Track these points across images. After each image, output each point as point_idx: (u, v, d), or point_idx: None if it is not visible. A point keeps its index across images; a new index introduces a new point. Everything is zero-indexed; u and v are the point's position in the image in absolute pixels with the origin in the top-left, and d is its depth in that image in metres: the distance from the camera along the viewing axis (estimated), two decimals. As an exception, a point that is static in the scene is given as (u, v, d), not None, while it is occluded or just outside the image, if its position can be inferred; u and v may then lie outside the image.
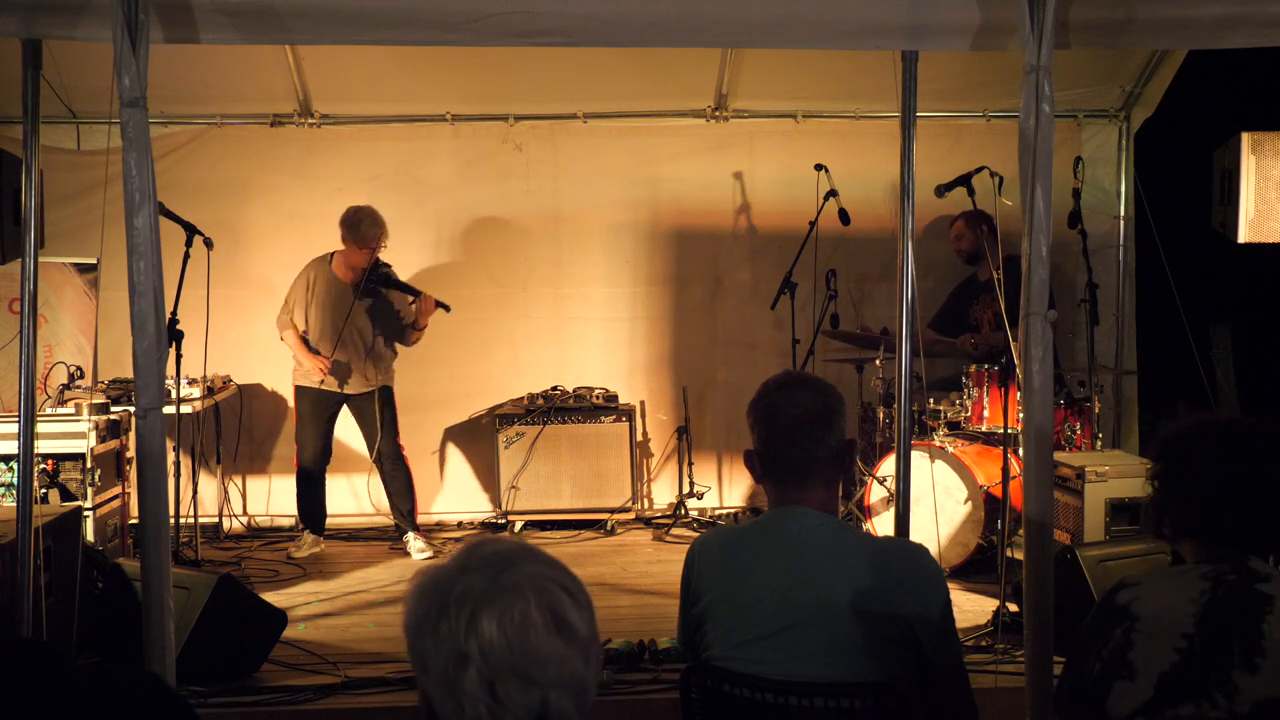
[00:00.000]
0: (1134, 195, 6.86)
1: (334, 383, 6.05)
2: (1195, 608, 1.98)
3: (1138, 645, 1.99)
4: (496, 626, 1.41)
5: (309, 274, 6.14)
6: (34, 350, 3.75)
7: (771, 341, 6.91)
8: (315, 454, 6.18)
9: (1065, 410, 5.60)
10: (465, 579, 1.45)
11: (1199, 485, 2.11)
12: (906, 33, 3.72)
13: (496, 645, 1.41)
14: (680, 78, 6.71)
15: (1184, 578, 2.05)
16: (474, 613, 1.42)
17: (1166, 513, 2.17)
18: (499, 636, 1.41)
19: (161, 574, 3.42)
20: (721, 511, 7.11)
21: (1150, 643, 1.98)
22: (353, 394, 6.13)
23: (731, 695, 2.29)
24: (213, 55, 5.91)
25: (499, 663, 1.41)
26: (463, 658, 1.41)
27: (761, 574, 2.34)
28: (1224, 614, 1.96)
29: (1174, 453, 2.18)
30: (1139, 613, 2.02)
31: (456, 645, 1.42)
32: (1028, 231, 3.47)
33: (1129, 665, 1.99)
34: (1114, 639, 2.02)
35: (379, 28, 3.70)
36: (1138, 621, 2.01)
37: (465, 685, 1.41)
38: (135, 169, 3.38)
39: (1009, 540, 4.66)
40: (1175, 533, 2.17)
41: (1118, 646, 2.01)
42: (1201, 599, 1.98)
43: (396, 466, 6.21)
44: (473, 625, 1.41)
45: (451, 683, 1.42)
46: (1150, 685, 1.96)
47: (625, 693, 4.08)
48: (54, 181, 5.72)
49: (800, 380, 2.45)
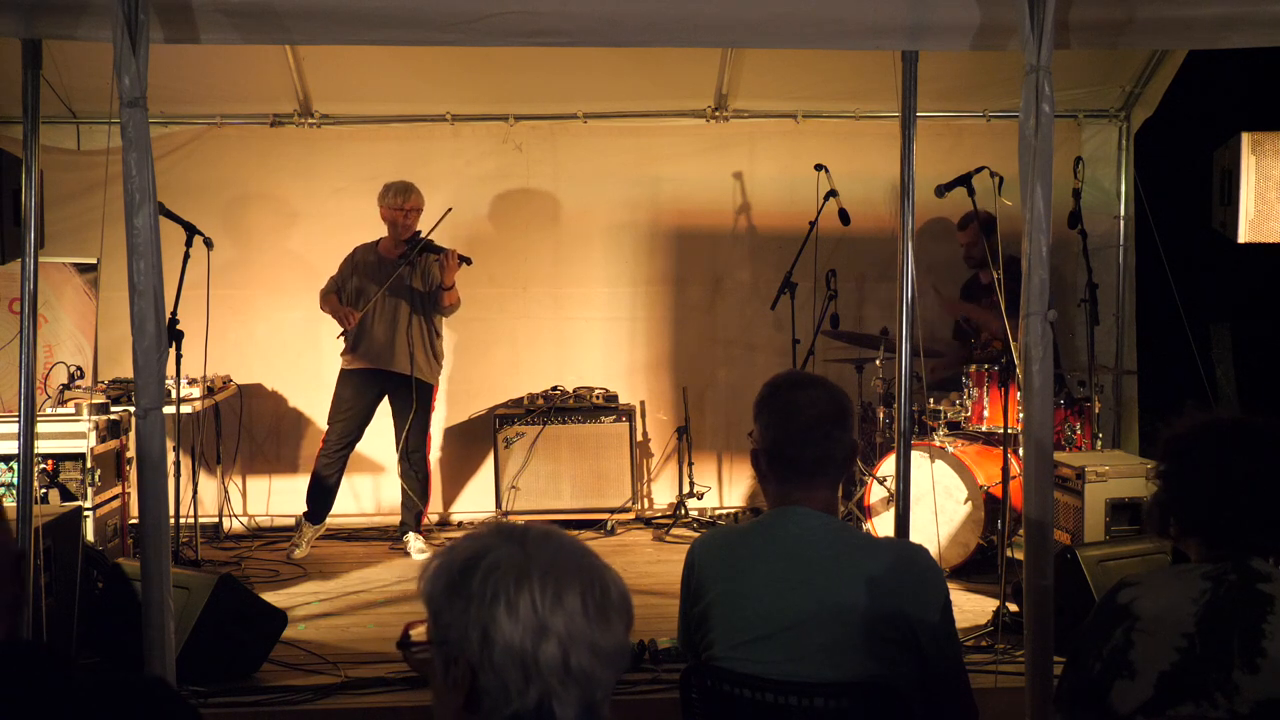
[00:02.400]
0: (1134, 195, 6.86)
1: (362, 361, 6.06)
2: (1196, 608, 1.98)
3: (1138, 645, 1.99)
4: (580, 602, 1.44)
5: (355, 252, 6.21)
6: (34, 350, 3.75)
7: (771, 341, 6.91)
8: (343, 431, 6.13)
9: (1065, 410, 5.60)
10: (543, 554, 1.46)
11: (1204, 483, 2.12)
12: (906, 33, 3.72)
13: (578, 619, 1.43)
14: (680, 78, 6.71)
15: (1185, 577, 2.05)
16: (560, 586, 1.44)
17: (1171, 511, 2.17)
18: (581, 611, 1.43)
19: (161, 574, 3.42)
20: (721, 511, 7.11)
21: (1151, 642, 1.98)
22: (391, 371, 6.08)
23: (731, 695, 2.29)
24: (213, 55, 5.91)
25: (579, 637, 1.43)
26: (543, 630, 1.42)
27: (761, 575, 2.34)
28: (1225, 614, 1.96)
29: (1179, 451, 2.18)
30: (1139, 612, 2.02)
31: (538, 618, 1.42)
32: (1028, 231, 3.47)
33: (1129, 665, 1.99)
34: (1114, 638, 2.02)
35: (379, 28, 3.70)
36: (1138, 621, 2.01)
37: (542, 659, 1.42)
38: (135, 169, 3.38)
39: (1009, 540, 4.66)
40: (1180, 531, 2.17)
41: (1118, 646, 2.01)
42: (1202, 599, 1.98)
43: (418, 467, 6.22)
44: (559, 599, 1.43)
45: (522, 656, 1.42)
46: (1150, 685, 1.96)
47: (625, 693, 4.07)
48: (54, 181, 5.73)
49: (811, 380, 2.45)
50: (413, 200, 6.10)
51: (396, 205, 6.07)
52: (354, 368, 6.14)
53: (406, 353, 6.08)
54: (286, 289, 6.85)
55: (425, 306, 6.15)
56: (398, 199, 6.07)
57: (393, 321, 6.09)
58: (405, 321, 6.10)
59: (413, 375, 6.06)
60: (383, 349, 6.08)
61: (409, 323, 6.10)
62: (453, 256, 6.03)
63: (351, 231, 6.33)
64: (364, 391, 6.15)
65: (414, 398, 6.06)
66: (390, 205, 6.08)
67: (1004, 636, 4.46)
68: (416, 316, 6.13)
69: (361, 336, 6.08)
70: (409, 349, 6.08)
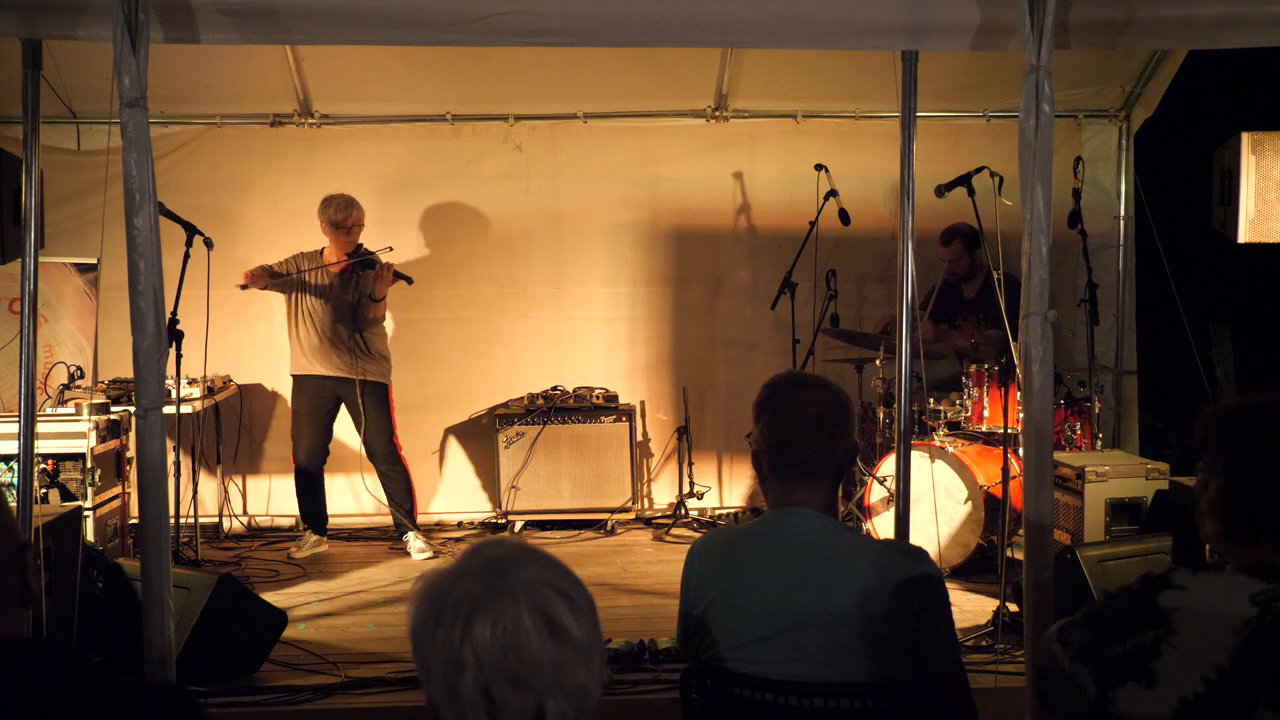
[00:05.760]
0: (1134, 195, 6.87)
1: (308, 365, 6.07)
2: (1236, 640, 1.86)
3: (1167, 658, 1.89)
4: (490, 632, 1.41)
5: (298, 257, 6.19)
6: (34, 350, 3.75)
7: (771, 341, 6.91)
8: (309, 450, 6.18)
9: (1065, 410, 5.60)
10: (463, 584, 1.46)
11: None
12: (906, 33, 3.72)
13: (490, 651, 1.41)
14: (680, 78, 6.71)
15: (1233, 596, 1.91)
16: (469, 618, 1.43)
17: (1244, 509, 1.98)
18: (492, 642, 1.41)
19: (161, 574, 3.42)
20: (721, 512, 7.12)
21: (1181, 663, 1.88)
22: (333, 377, 6.08)
23: (731, 695, 2.29)
24: (213, 55, 5.91)
25: (493, 669, 1.41)
26: (459, 664, 1.42)
27: (761, 576, 2.34)
28: (1262, 649, 1.84)
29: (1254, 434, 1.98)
30: (1177, 627, 1.90)
31: (453, 651, 1.42)
32: (1028, 231, 3.47)
33: (1150, 672, 1.89)
34: (1144, 637, 1.90)
35: (379, 28, 3.70)
36: (1174, 636, 1.90)
37: (463, 691, 1.42)
38: (135, 169, 3.38)
39: (1009, 540, 4.66)
40: (1242, 530, 1.99)
41: (1146, 647, 1.91)
42: (1245, 630, 1.86)
43: (393, 468, 6.20)
44: (467, 631, 1.42)
45: (450, 688, 1.43)
46: (1169, 707, 1.87)
47: (625, 693, 4.08)
48: (54, 181, 5.73)
49: (812, 380, 2.45)
50: (354, 216, 6.07)
51: (339, 221, 6.03)
52: (302, 373, 6.14)
53: (349, 357, 6.07)
54: (286, 289, 6.84)
55: (345, 315, 6.12)
56: (339, 214, 6.04)
57: (330, 329, 6.08)
58: (342, 330, 6.08)
59: (358, 379, 6.05)
60: (326, 354, 6.07)
61: (348, 331, 6.08)
62: (387, 270, 6.04)
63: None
64: (318, 404, 6.16)
65: (360, 400, 6.05)
66: (331, 220, 6.05)
67: (1004, 636, 4.46)
68: (338, 324, 6.09)
69: (302, 343, 6.09)
70: (351, 353, 6.07)
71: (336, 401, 6.18)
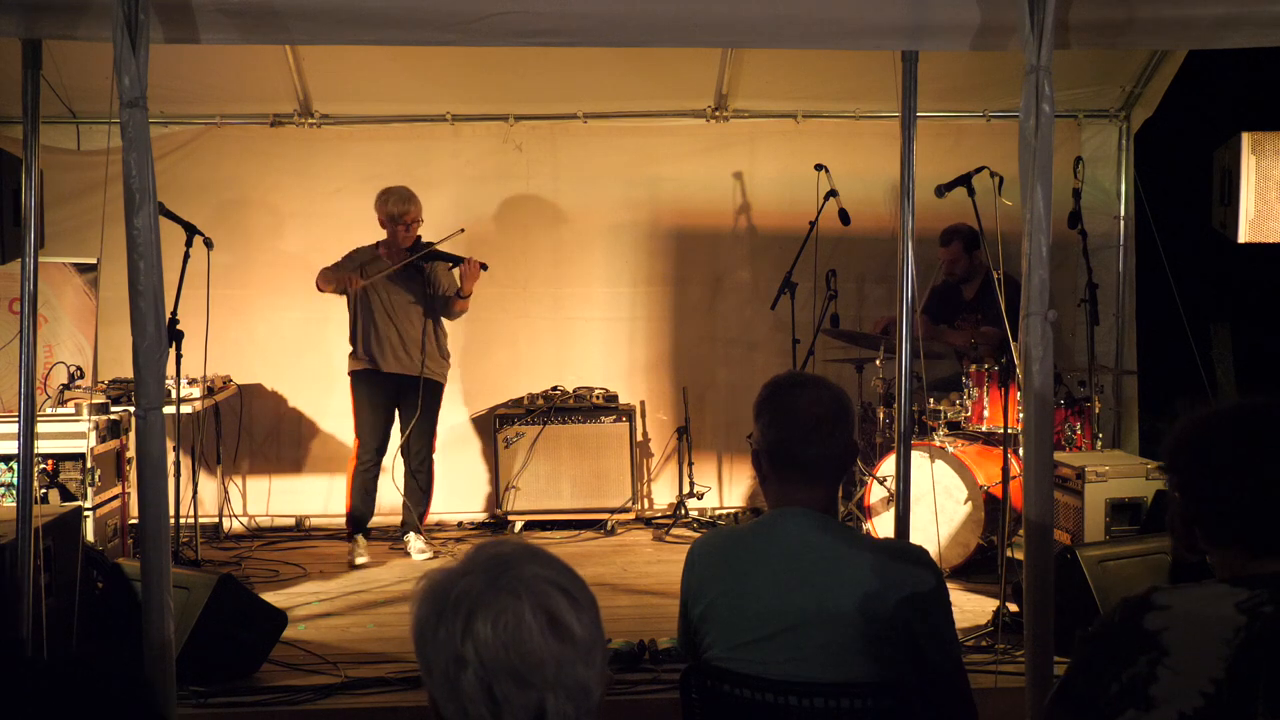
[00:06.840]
0: (1134, 195, 6.86)
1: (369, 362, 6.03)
2: (1229, 650, 1.85)
3: (1162, 680, 1.86)
4: (491, 629, 1.42)
5: (355, 253, 6.13)
6: (34, 350, 3.75)
7: (771, 341, 6.91)
8: (376, 447, 6.11)
9: (1065, 410, 5.60)
10: (464, 581, 1.46)
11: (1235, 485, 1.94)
12: (906, 33, 3.72)
13: (491, 647, 1.41)
14: (680, 78, 6.71)
15: (1219, 605, 1.89)
16: (470, 615, 1.43)
17: (1199, 525, 1.99)
18: (493, 639, 1.41)
19: (161, 574, 3.42)
20: (721, 512, 7.11)
21: (1177, 682, 1.85)
22: (396, 374, 6.05)
23: (731, 695, 2.29)
24: (213, 55, 5.91)
25: (494, 665, 1.41)
26: (460, 660, 1.42)
27: (761, 576, 2.33)
28: (1256, 657, 1.83)
29: (1197, 452, 2.00)
30: (1168, 646, 1.88)
31: (454, 648, 1.43)
32: (1028, 231, 3.47)
33: (1148, 698, 1.86)
34: (1137, 665, 1.87)
35: (379, 28, 3.70)
36: (1166, 656, 1.88)
37: (464, 687, 1.42)
38: (135, 169, 3.38)
39: (1009, 540, 4.66)
40: (1210, 544, 1.99)
41: (1140, 676, 1.88)
42: (1236, 639, 1.85)
43: (422, 467, 6.20)
44: (469, 627, 1.43)
45: (452, 685, 1.43)
46: None
47: (625, 693, 4.08)
48: (54, 181, 5.74)
49: (812, 380, 2.45)
50: (413, 212, 6.02)
51: (397, 215, 5.98)
52: (362, 368, 6.10)
53: (418, 353, 6.06)
54: (286, 289, 6.84)
55: (432, 309, 6.14)
56: (397, 208, 5.98)
57: (402, 322, 6.06)
58: (414, 322, 6.07)
59: (421, 376, 6.03)
60: (393, 350, 6.04)
61: (421, 324, 6.08)
62: (474, 264, 6.01)
63: (352, 231, 6.32)
64: (380, 401, 6.12)
65: (420, 399, 6.03)
66: (391, 215, 5.99)
67: (1004, 636, 4.46)
68: (427, 319, 6.11)
69: (370, 336, 6.06)
70: (421, 349, 6.06)
71: (395, 394, 6.14)
